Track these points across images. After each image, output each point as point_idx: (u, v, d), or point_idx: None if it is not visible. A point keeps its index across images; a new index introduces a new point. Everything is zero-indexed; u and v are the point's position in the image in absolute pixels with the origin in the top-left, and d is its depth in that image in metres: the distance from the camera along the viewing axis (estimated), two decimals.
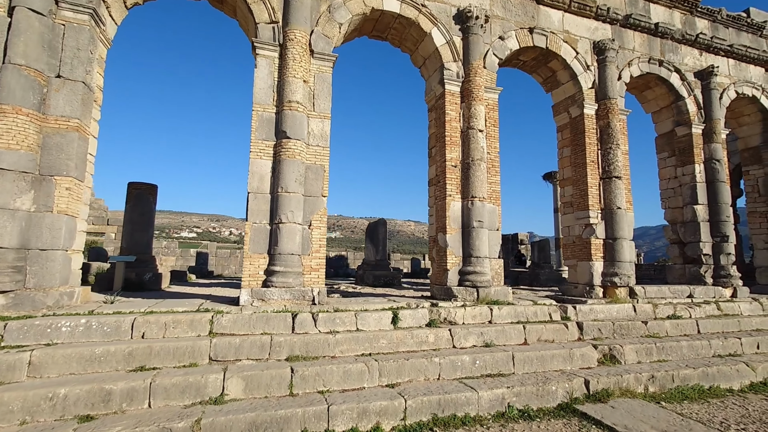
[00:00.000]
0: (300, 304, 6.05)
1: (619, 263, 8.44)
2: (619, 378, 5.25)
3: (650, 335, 6.82)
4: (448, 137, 7.81)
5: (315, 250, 6.56)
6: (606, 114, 8.98)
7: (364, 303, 6.59)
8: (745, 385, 5.92)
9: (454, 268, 7.49)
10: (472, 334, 5.69)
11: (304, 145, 6.59)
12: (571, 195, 9.28)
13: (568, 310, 6.97)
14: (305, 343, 4.83)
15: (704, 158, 10.24)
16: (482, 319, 6.30)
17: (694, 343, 6.50)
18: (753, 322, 7.81)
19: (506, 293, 7.41)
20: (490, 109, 8.25)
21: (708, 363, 5.99)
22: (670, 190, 10.78)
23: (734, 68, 11.10)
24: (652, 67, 9.96)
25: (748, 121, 12.05)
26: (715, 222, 9.93)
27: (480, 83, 7.93)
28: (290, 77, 6.53)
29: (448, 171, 7.72)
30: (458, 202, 7.69)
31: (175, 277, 15.66)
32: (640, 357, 6.03)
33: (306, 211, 6.57)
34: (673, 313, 7.74)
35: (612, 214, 8.64)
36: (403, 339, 5.31)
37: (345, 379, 4.44)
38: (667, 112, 10.77)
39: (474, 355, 5.16)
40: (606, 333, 6.56)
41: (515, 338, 5.94)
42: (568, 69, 9.16)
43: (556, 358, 5.53)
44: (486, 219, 7.64)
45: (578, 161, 9.13)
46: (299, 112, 6.52)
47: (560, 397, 4.86)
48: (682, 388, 5.48)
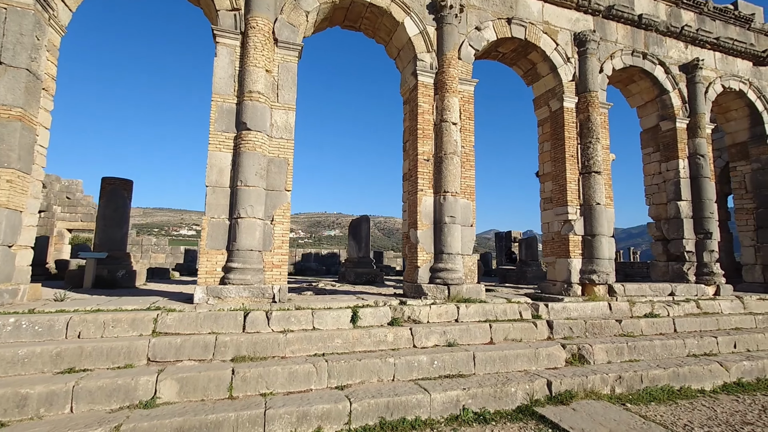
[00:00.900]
0: (259, 302, 5.83)
1: (597, 260, 8.24)
2: (584, 379, 5.05)
3: (624, 334, 6.63)
4: (420, 130, 7.58)
5: (277, 246, 6.34)
6: (586, 107, 8.75)
7: (331, 301, 6.38)
8: (718, 385, 5.73)
9: (425, 265, 7.27)
10: (434, 333, 5.48)
11: (266, 138, 6.35)
12: (551, 190, 9.07)
13: (540, 308, 6.77)
14: (253, 343, 4.61)
15: (688, 153, 10.03)
16: (448, 318, 6.09)
17: (668, 343, 6.31)
18: (732, 321, 7.63)
19: (479, 291, 7.20)
20: (465, 101, 8.02)
21: (680, 363, 5.80)
22: (654, 186, 10.57)
23: (721, 62, 10.87)
24: (636, 60, 9.73)
25: (735, 116, 11.84)
26: (699, 219, 9.73)
27: (454, 75, 7.69)
28: (251, 66, 6.28)
29: (420, 165, 7.50)
30: (430, 197, 7.47)
31: (157, 274, 15.43)
32: (610, 357, 5.83)
33: (268, 205, 6.34)
34: (651, 311, 7.55)
35: (591, 209, 8.43)
36: (360, 338, 5.09)
37: (290, 380, 4.23)
38: (652, 107, 10.55)
39: (433, 355, 4.95)
40: (577, 332, 6.36)
41: (480, 337, 5.73)
42: (548, 61, 8.92)
43: (521, 358, 5.33)
44: (459, 215, 7.42)
45: (557, 156, 8.91)
46: (260, 103, 6.28)
47: (520, 399, 4.66)
48: (650, 389, 5.28)
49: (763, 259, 11.16)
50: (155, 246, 25.04)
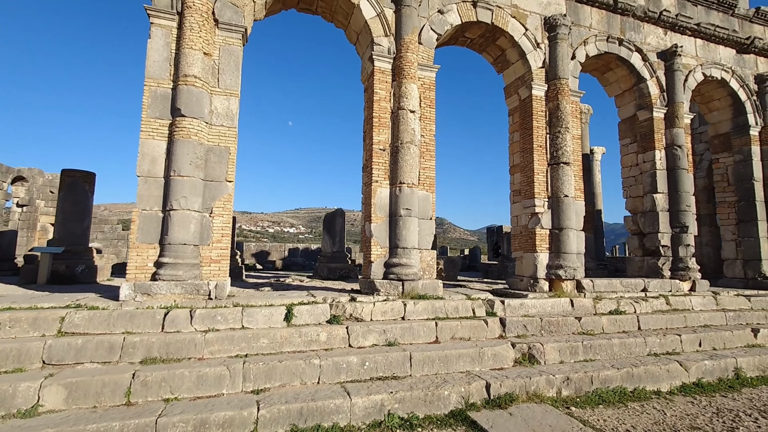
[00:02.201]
0: (193, 300, 5.51)
1: (564, 255, 7.91)
2: (527, 381, 4.74)
3: (583, 332, 6.32)
4: (376, 118, 7.21)
5: (216, 239, 6.00)
6: (555, 95, 8.37)
7: (278, 297, 6.07)
8: (676, 386, 5.43)
9: (379, 260, 6.95)
10: (372, 332, 5.17)
11: (203, 125, 5.99)
12: (520, 182, 8.72)
13: (496, 305, 6.45)
14: (166, 344, 4.29)
15: (666, 144, 9.67)
16: (394, 316, 5.78)
17: (627, 341, 6.00)
18: (701, 318, 7.32)
19: (436, 287, 6.88)
20: (426, 88, 7.64)
21: (636, 363, 5.49)
22: (631, 179, 10.23)
23: (702, 49, 10.46)
24: (611, 47, 9.33)
25: (718, 106, 11.45)
26: (675, 212, 9.40)
27: (412, 60, 7.30)
28: (187, 49, 5.90)
29: (376, 155, 7.14)
30: (386, 189, 7.12)
31: None
32: (563, 357, 5.52)
33: (206, 197, 5.99)
34: (616, 308, 7.23)
35: (559, 202, 8.09)
36: (289, 338, 4.77)
37: (199, 385, 3.92)
38: (630, 96, 10.17)
39: (365, 355, 4.64)
40: (532, 330, 6.05)
41: (424, 336, 5.42)
42: (517, 47, 8.52)
43: (464, 359, 5.02)
44: (416, 207, 7.08)
45: (526, 146, 8.54)
46: (197, 88, 5.91)
47: (453, 403, 4.35)
48: (600, 391, 4.98)
49: (744, 254, 10.85)
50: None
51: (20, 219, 20.16)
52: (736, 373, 5.87)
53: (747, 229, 10.78)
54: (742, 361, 5.97)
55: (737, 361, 5.94)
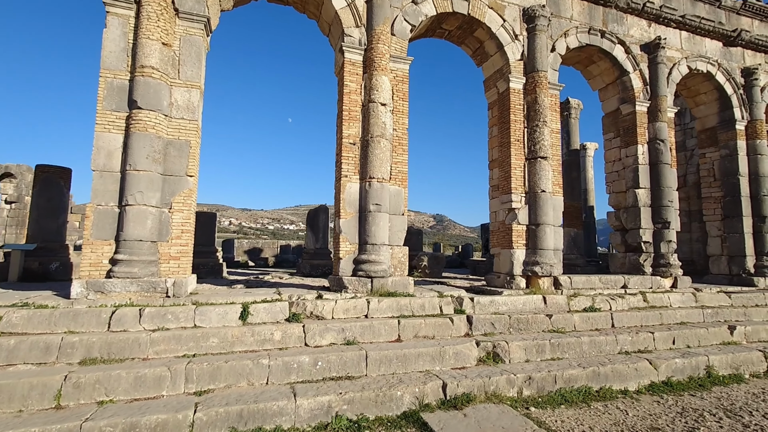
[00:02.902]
0: (150, 297, 5.36)
1: (541, 251, 7.76)
2: (487, 380, 4.60)
3: (554, 330, 6.18)
4: (346, 111, 7.03)
5: (176, 236, 5.84)
6: (533, 88, 8.19)
7: (244, 295, 5.91)
8: (644, 385, 5.30)
9: (348, 256, 6.80)
10: (330, 331, 5.02)
11: (162, 118, 5.81)
12: (498, 177, 8.55)
13: (464, 302, 6.31)
14: (108, 344, 4.14)
15: (648, 138, 9.50)
16: (357, 314, 5.63)
17: (598, 339, 5.86)
18: (678, 315, 7.18)
19: (406, 284, 6.74)
20: (398, 81, 7.46)
21: (604, 361, 5.35)
22: (615, 174, 10.07)
23: (687, 41, 10.27)
24: (593, 39, 9.13)
25: (704, 100, 11.28)
26: (658, 207, 9.24)
27: (383, 51, 7.11)
28: (144, 39, 5.71)
29: (345, 149, 6.97)
30: (356, 184, 6.95)
31: None
32: (529, 355, 5.38)
33: (165, 192, 5.83)
34: (591, 305, 7.09)
35: (536, 197, 7.93)
36: (241, 337, 4.63)
37: (137, 386, 3.77)
38: (613, 89, 9.99)
39: (318, 355, 4.49)
40: (500, 328, 5.91)
41: (386, 335, 5.27)
42: (495, 39, 8.33)
43: (424, 358, 4.88)
44: (387, 202, 6.92)
45: (504, 141, 8.37)
46: (154, 79, 5.72)
47: (407, 404, 4.21)
48: (564, 391, 4.84)
49: (729, 251, 10.72)
50: None
51: (8, 216, 19.98)
52: (708, 371, 5.74)
53: (732, 224, 10.65)
54: (715, 359, 5.84)
55: (709, 359, 5.81)
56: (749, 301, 8.47)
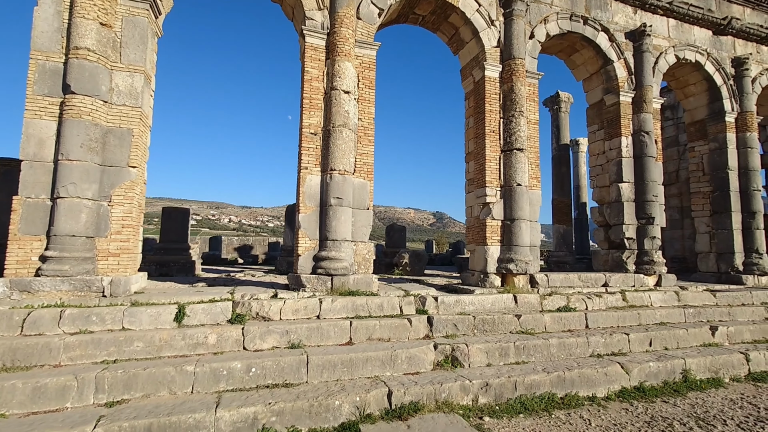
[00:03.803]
0: (83, 297, 4.97)
1: (516, 248, 7.38)
2: (438, 387, 4.23)
3: (522, 331, 5.80)
4: (307, 99, 6.63)
5: (115, 231, 5.44)
6: (510, 77, 7.78)
7: (195, 295, 5.51)
8: (614, 391, 4.93)
9: (308, 253, 6.41)
10: (273, 333, 4.64)
11: (100, 104, 5.40)
12: (474, 171, 8.16)
13: (427, 302, 5.93)
14: (12, 349, 3.76)
15: (633, 130, 9.11)
16: (308, 314, 5.24)
17: (567, 341, 5.49)
18: (657, 315, 6.81)
19: (369, 282, 6.35)
20: (365, 68, 7.05)
21: (572, 365, 4.98)
22: (598, 167, 9.67)
23: (675, 29, 9.85)
24: (575, 25, 8.72)
25: (693, 92, 10.87)
26: (642, 202, 8.86)
27: (347, 35, 6.69)
28: (79, 18, 5.29)
29: (305, 139, 6.57)
30: (317, 177, 6.56)
31: None
32: (491, 359, 5.01)
33: (104, 183, 5.43)
34: (566, 304, 6.72)
35: (511, 191, 7.54)
36: (170, 341, 4.24)
37: (35, 398, 3.39)
38: (597, 79, 9.58)
39: (251, 360, 4.11)
40: (463, 329, 5.53)
41: (336, 337, 4.89)
42: (470, 25, 7.91)
43: (373, 362, 4.50)
44: (350, 196, 6.53)
45: (479, 132, 7.97)
46: (90, 62, 5.31)
47: (345, 415, 3.84)
48: (524, 399, 4.47)
49: (718, 247, 10.35)
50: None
51: None
52: (684, 375, 5.37)
53: (721, 220, 10.28)
54: (692, 362, 5.48)
55: (686, 362, 5.44)
56: (735, 300, 8.11)
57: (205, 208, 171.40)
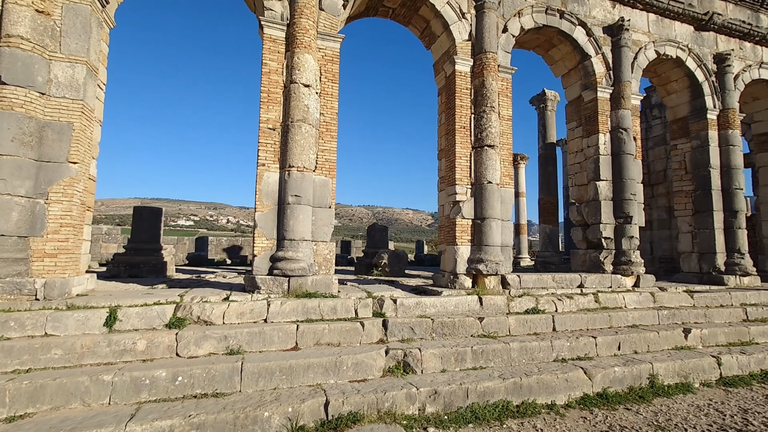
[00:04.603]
0: (14, 301, 4.67)
1: (486, 248, 7.13)
2: (381, 396, 3.95)
3: (484, 335, 5.54)
4: (265, 93, 6.35)
5: (53, 230, 5.14)
6: (481, 71, 7.53)
7: (143, 297, 5.23)
8: (575, 398, 4.68)
9: (264, 253, 6.13)
10: (210, 339, 4.36)
11: (35, 95, 5.09)
12: (445, 168, 7.90)
13: (385, 304, 5.66)
14: None
15: (611, 127, 8.88)
16: (254, 318, 4.97)
17: (530, 345, 5.23)
18: (630, 317, 6.57)
19: (329, 284, 6.08)
20: (327, 61, 6.78)
21: (532, 371, 4.72)
22: (577, 165, 9.44)
23: (655, 24, 9.64)
24: (551, 19, 8.48)
25: (675, 88, 10.67)
26: (619, 201, 8.63)
27: (307, 26, 6.42)
28: (11, 4, 4.98)
29: (264, 134, 6.29)
30: (275, 173, 6.28)
31: None
32: (446, 364, 4.74)
33: (41, 180, 5.12)
34: (534, 306, 6.47)
35: (482, 189, 7.29)
36: (94, 347, 3.96)
37: None
38: (575, 75, 9.34)
39: (179, 368, 3.83)
40: (421, 333, 5.27)
41: (280, 342, 4.61)
42: (440, 18, 7.66)
43: (315, 369, 4.23)
44: (309, 194, 6.26)
45: (450, 128, 7.72)
46: (24, 51, 5.01)
47: (275, 427, 3.56)
48: (476, 407, 4.21)
49: (700, 247, 10.15)
50: (106, 235, 23.74)
51: None
52: (651, 380, 5.13)
53: (703, 220, 10.07)
54: (660, 367, 5.23)
55: (653, 367, 5.20)
56: (713, 301, 7.89)
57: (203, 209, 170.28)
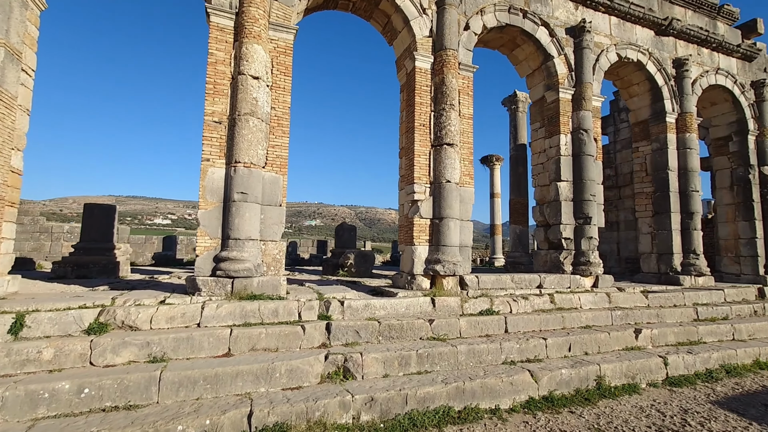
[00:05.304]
0: None
1: (444, 248, 7.01)
2: (313, 404, 3.74)
3: (434, 338, 5.40)
4: (210, 84, 6.03)
5: None
6: (441, 68, 7.40)
7: (71, 300, 4.85)
8: (521, 401, 4.58)
9: (207, 253, 5.82)
10: (131, 346, 4.04)
11: None
12: (405, 167, 7.74)
13: (332, 306, 5.45)
14: None
15: (572, 128, 8.92)
16: (186, 322, 4.67)
17: (478, 348, 5.11)
18: (583, 318, 6.57)
19: (276, 285, 5.82)
20: (280, 52, 6.52)
21: (477, 375, 4.60)
22: (540, 166, 9.46)
23: (617, 27, 9.76)
24: (514, 18, 8.45)
25: (637, 92, 10.85)
26: (579, 201, 8.67)
27: (257, 16, 6.14)
28: None
29: (209, 128, 5.97)
30: (220, 169, 5.97)
31: (17, 264, 13.36)
32: (389, 369, 4.57)
33: None
34: (489, 308, 6.38)
35: (440, 188, 7.16)
36: None
37: None
38: (539, 76, 9.36)
39: (86, 379, 3.51)
40: (366, 336, 5.08)
41: (210, 348, 4.34)
42: (401, 12, 7.50)
43: (245, 377, 3.97)
44: (258, 191, 5.98)
45: (410, 126, 7.56)
46: None
47: None
48: (415, 414, 4.04)
49: (659, 248, 10.34)
50: (68, 234, 22.59)
51: None
52: (598, 382, 5.09)
53: (661, 221, 10.27)
54: (608, 368, 5.21)
55: (601, 368, 5.17)
56: (667, 301, 8.01)
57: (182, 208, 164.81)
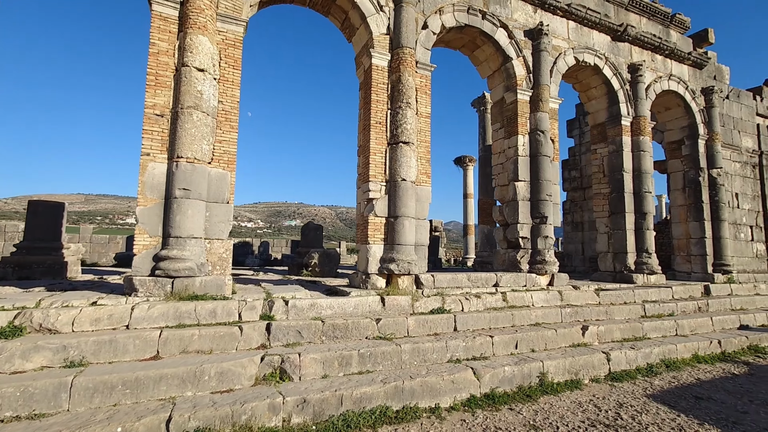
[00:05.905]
0: None
1: (399, 247, 6.96)
2: (239, 408, 3.59)
3: (380, 337, 5.34)
4: (152, 76, 5.77)
5: None
6: (398, 66, 7.37)
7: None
8: (461, 400, 4.57)
9: (146, 251, 5.55)
10: (44, 350, 3.79)
11: None
12: (362, 165, 7.66)
13: (275, 306, 5.30)
14: None
15: (530, 129, 9.06)
16: (113, 324, 4.42)
17: (423, 347, 5.08)
18: (533, 316, 6.67)
19: (221, 285, 5.62)
20: (228, 45, 6.32)
21: (418, 373, 4.56)
22: (499, 166, 9.58)
23: (575, 32, 10.01)
24: (473, 19, 8.51)
25: (595, 95, 11.16)
26: (536, 201, 8.82)
27: (203, 6, 5.92)
28: None
29: (149, 121, 5.71)
30: (162, 164, 5.72)
31: None
32: (329, 370, 4.47)
33: None
34: (440, 306, 6.38)
35: (396, 186, 7.12)
36: None
37: None
38: (499, 77, 9.47)
39: None
40: (309, 337, 4.96)
41: (136, 351, 4.12)
42: (357, 9, 7.42)
43: (170, 380, 3.79)
44: (203, 187, 5.77)
45: (366, 124, 7.49)
46: None
47: None
48: (350, 415, 3.95)
49: (614, 247, 10.66)
50: (23, 233, 21.29)
51: None
52: (541, 378, 5.16)
53: (617, 221, 10.60)
54: (551, 365, 5.28)
55: (545, 365, 5.23)
56: (618, 298, 8.25)
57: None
